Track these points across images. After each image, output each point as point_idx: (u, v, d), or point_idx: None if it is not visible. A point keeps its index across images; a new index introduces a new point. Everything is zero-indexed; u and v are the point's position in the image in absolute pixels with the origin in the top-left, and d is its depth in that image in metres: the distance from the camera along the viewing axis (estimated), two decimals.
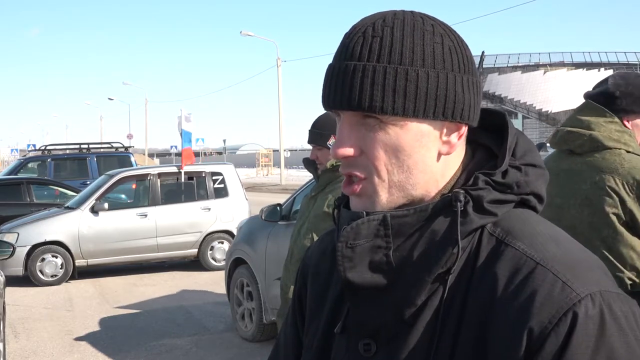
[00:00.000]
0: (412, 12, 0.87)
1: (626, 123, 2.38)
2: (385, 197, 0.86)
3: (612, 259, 2.20)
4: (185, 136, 11.45)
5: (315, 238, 2.83)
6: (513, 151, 0.89)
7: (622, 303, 0.78)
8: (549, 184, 0.93)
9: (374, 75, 0.82)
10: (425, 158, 0.86)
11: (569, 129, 2.37)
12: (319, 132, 2.89)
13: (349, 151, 0.86)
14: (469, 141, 0.92)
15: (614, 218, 2.24)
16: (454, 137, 0.87)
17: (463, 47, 0.87)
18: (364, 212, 0.86)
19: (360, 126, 0.86)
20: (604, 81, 2.46)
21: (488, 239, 0.85)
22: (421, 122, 0.84)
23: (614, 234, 2.23)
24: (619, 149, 2.29)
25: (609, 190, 2.25)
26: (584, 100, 2.44)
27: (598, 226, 2.22)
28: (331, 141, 2.85)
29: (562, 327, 0.75)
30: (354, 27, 0.87)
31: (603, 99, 2.40)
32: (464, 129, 0.88)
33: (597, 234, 2.22)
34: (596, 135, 2.30)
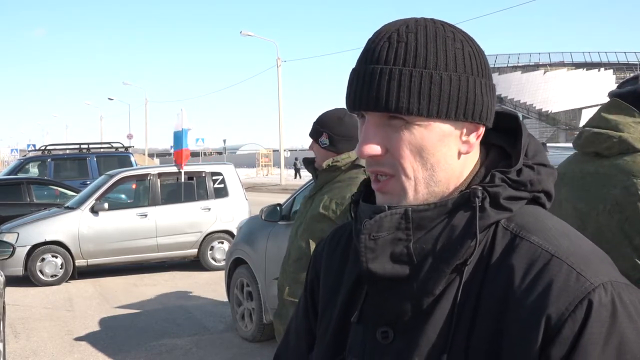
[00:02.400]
0: (432, 19, 0.92)
1: None
2: (412, 195, 0.91)
3: None
4: (177, 138, 11.29)
5: (312, 239, 2.82)
6: (525, 151, 0.94)
7: (630, 293, 0.84)
8: (571, 188, 0.91)
9: (400, 78, 0.87)
10: (446, 157, 0.91)
11: (596, 130, 2.20)
12: (316, 127, 2.93)
13: (375, 150, 0.90)
14: (482, 141, 0.96)
15: None
16: (472, 137, 0.92)
17: (481, 53, 0.93)
18: (386, 206, 0.91)
19: (385, 127, 0.90)
20: (633, 79, 2.29)
21: (503, 233, 0.90)
22: (444, 123, 0.89)
23: None
24: None
25: None
26: (609, 99, 2.28)
27: (630, 233, 2.05)
28: (322, 139, 2.88)
29: (578, 313, 0.80)
30: (378, 33, 0.91)
31: (632, 98, 2.23)
32: (482, 130, 0.93)
33: (628, 241, 2.05)
34: (626, 138, 2.14)
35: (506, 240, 0.89)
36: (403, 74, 0.87)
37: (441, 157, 0.90)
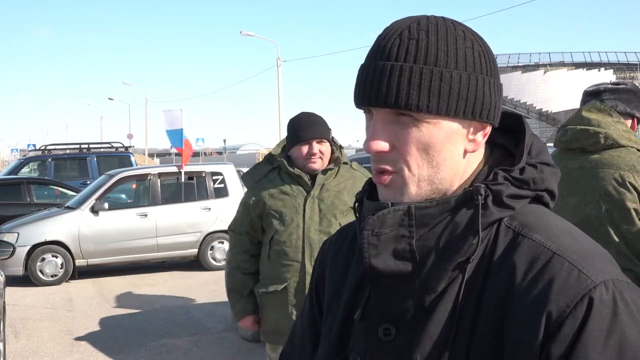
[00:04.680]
0: (443, 17, 0.93)
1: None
2: (415, 190, 0.91)
3: (629, 253, 2.25)
4: (172, 136, 11.31)
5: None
6: (529, 150, 0.95)
7: (631, 291, 0.84)
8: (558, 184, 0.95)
9: (410, 75, 0.87)
10: (452, 155, 0.91)
11: (582, 127, 2.41)
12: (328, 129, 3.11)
13: (383, 146, 0.90)
14: (486, 141, 0.97)
15: (634, 213, 2.30)
16: (479, 136, 0.93)
17: (489, 52, 0.94)
18: (389, 203, 0.91)
19: (393, 123, 0.90)
20: (615, 91, 2.53)
21: (505, 232, 0.90)
22: (452, 121, 0.90)
23: (633, 228, 2.28)
24: (632, 147, 2.36)
25: (629, 186, 2.30)
26: (591, 100, 2.49)
27: (617, 221, 2.27)
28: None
29: (579, 311, 0.80)
30: (388, 30, 0.92)
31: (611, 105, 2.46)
32: (489, 129, 0.94)
33: (615, 228, 2.28)
34: (611, 134, 2.36)
35: (508, 238, 0.89)
36: (413, 71, 0.87)
37: (447, 155, 0.90)
